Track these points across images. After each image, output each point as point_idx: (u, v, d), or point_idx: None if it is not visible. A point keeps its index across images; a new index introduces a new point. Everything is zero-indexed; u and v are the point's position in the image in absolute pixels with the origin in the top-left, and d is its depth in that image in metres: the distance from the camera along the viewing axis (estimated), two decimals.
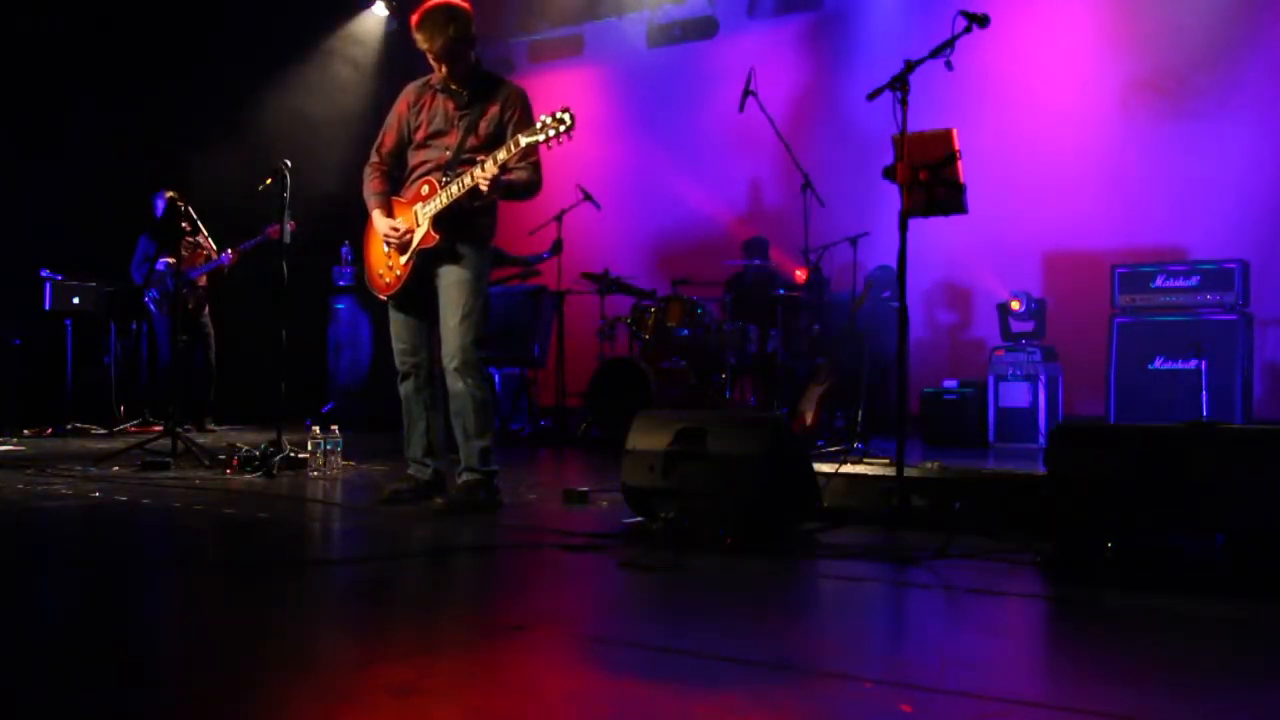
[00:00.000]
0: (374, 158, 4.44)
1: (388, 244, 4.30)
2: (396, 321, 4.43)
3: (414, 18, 4.18)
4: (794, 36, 9.41)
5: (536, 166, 4.25)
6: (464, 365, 4.19)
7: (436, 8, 4.16)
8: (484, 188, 4.02)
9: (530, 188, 4.25)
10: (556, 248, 8.15)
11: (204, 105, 8.99)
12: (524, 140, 3.96)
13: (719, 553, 3.31)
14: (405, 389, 4.46)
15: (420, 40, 4.17)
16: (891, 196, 4.02)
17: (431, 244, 4.20)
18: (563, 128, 3.91)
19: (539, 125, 3.95)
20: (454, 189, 4.11)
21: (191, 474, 5.33)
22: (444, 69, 4.22)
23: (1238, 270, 6.40)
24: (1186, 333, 6.38)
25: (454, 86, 4.26)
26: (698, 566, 3.14)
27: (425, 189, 4.21)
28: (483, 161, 4.05)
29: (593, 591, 3.00)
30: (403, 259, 4.28)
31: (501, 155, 4.01)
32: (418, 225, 4.23)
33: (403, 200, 4.33)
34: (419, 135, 4.32)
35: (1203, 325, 6.39)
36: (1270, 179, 7.22)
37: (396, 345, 4.45)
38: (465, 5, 4.20)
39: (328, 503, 4.52)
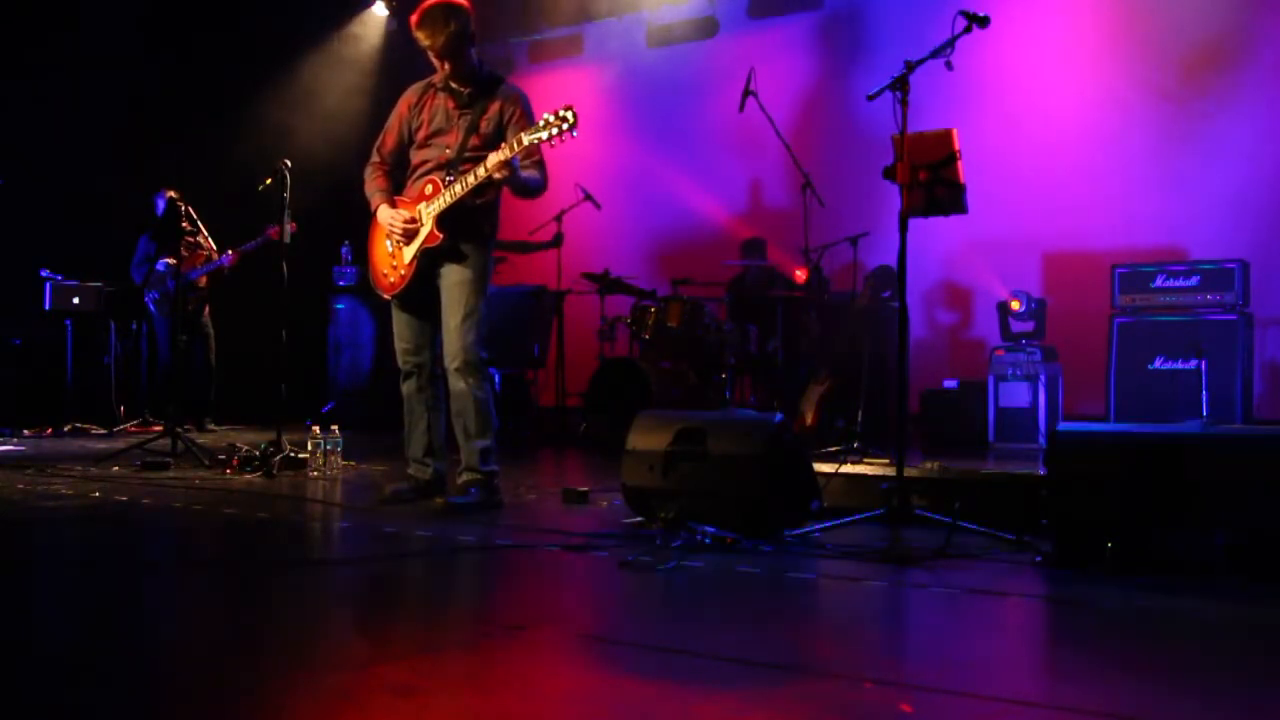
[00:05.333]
0: (375, 157, 4.45)
1: (392, 237, 4.30)
2: (400, 321, 4.44)
3: (414, 17, 4.18)
4: (794, 37, 9.41)
5: (541, 165, 4.25)
6: (466, 365, 4.19)
7: (435, 6, 4.15)
8: (498, 175, 4.00)
9: (538, 186, 4.26)
10: (557, 240, 8.21)
11: (204, 105, 8.98)
12: (526, 139, 3.96)
13: (719, 553, 3.31)
14: (407, 388, 4.46)
15: (421, 38, 4.17)
16: (892, 196, 4.02)
17: (435, 243, 4.20)
18: (565, 125, 3.90)
19: (541, 123, 3.94)
20: (458, 188, 4.11)
21: (191, 474, 5.33)
22: (446, 67, 4.22)
23: (1238, 270, 6.40)
24: (1186, 333, 6.38)
25: (455, 85, 4.26)
26: (698, 566, 3.14)
27: (429, 188, 4.21)
28: (485, 161, 4.06)
29: (593, 591, 3.00)
30: (406, 258, 4.28)
31: (506, 153, 4.01)
32: (422, 225, 4.23)
33: (406, 200, 4.33)
34: (420, 135, 4.33)
35: (1203, 325, 6.38)
36: (1270, 179, 7.22)
37: (399, 345, 4.45)
38: (464, 3, 4.20)
39: (328, 503, 4.52)
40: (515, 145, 3.98)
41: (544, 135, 3.93)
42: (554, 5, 10.39)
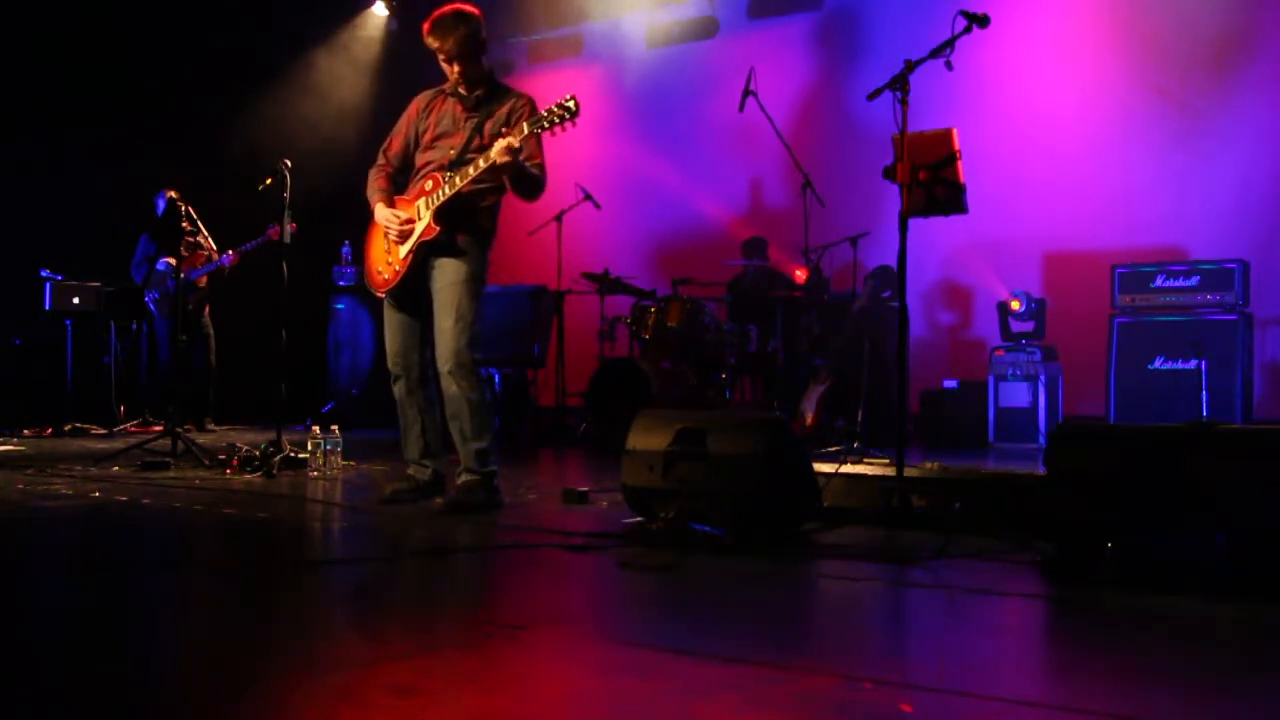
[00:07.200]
0: (380, 159, 4.46)
1: (388, 235, 4.30)
2: (391, 321, 4.42)
3: (425, 24, 4.21)
4: (794, 37, 9.42)
5: (541, 168, 4.27)
6: (458, 368, 4.18)
7: (446, 12, 4.21)
8: (501, 160, 4.00)
9: (538, 184, 4.26)
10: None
11: (204, 105, 8.98)
12: (528, 126, 3.99)
13: (719, 553, 3.31)
14: (398, 391, 4.45)
15: (431, 42, 4.19)
16: (892, 196, 4.02)
17: (432, 235, 4.20)
18: (567, 115, 3.93)
19: (545, 113, 3.98)
20: (458, 180, 4.12)
21: (191, 474, 5.32)
22: (455, 71, 4.24)
23: (1238, 270, 6.40)
24: (1186, 333, 6.38)
25: (464, 90, 4.28)
26: (698, 566, 3.14)
27: (429, 184, 4.23)
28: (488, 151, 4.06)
29: (593, 591, 3.00)
30: (402, 252, 4.28)
31: (511, 140, 4.02)
32: (419, 218, 4.23)
33: (406, 198, 4.33)
34: (426, 138, 4.34)
35: (1203, 325, 6.39)
36: (1270, 179, 7.22)
37: (389, 346, 4.44)
38: (475, 10, 4.24)
39: (328, 503, 4.52)
40: (519, 132, 4.00)
41: (547, 124, 3.96)
42: (554, 5, 10.39)
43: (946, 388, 7.35)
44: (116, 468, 5.54)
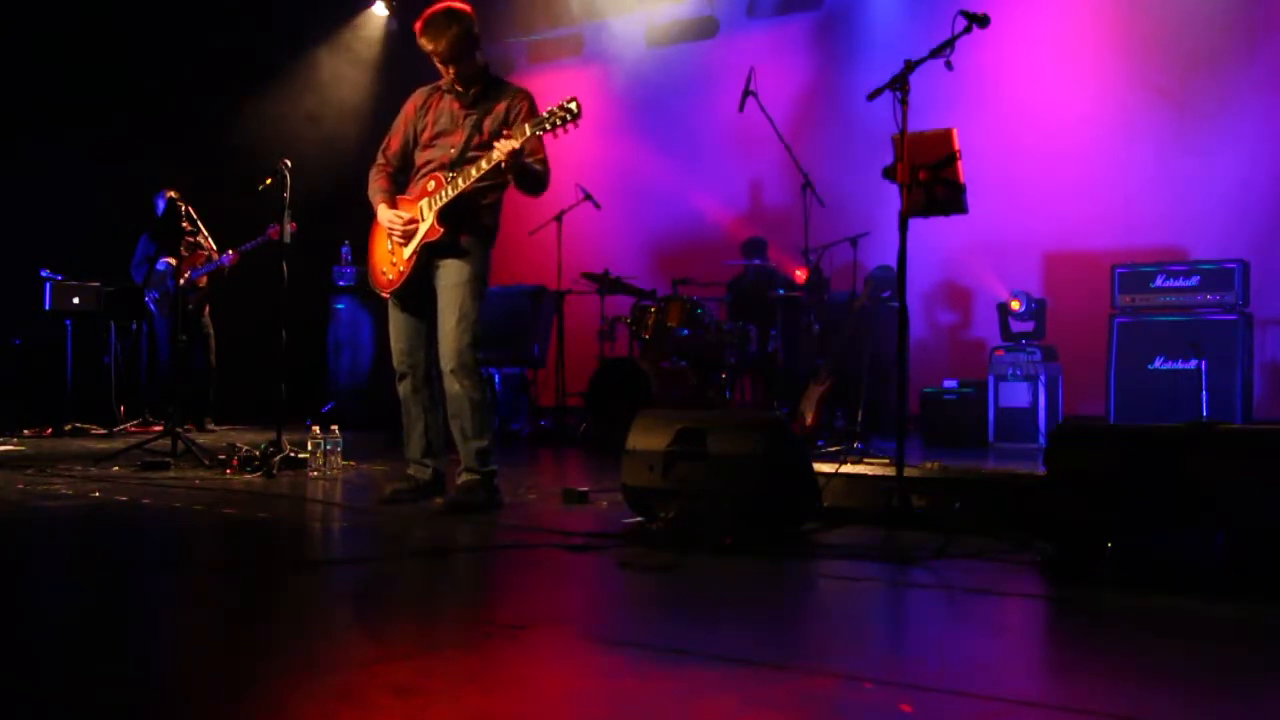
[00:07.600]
0: (379, 159, 4.46)
1: (391, 236, 4.31)
2: (395, 321, 4.44)
3: (417, 24, 4.20)
4: (794, 36, 9.41)
5: (544, 163, 4.27)
6: (460, 368, 4.19)
7: (438, 12, 4.19)
8: (504, 162, 4.01)
9: (542, 180, 4.27)
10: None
11: (204, 104, 8.98)
12: (530, 128, 3.98)
13: (719, 553, 3.31)
14: (403, 389, 4.47)
15: (425, 44, 4.19)
16: (892, 196, 4.02)
17: (436, 237, 4.20)
18: (569, 117, 3.93)
19: (547, 114, 3.97)
20: (460, 181, 4.12)
21: (191, 474, 5.32)
22: (450, 70, 4.23)
23: (1238, 270, 6.40)
24: (1186, 333, 6.38)
25: (460, 88, 4.28)
26: (698, 566, 3.14)
27: (431, 184, 4.23)
28: (491, 152, 4.06)
29: (593, 591, 3.00)
30: (406, 253, 4.28)
31: (514, 142, 4.02)
32: (422, 219, 4.23)
33: (408, 198, 4.33)
34: (425, 136, 4.34)
35: (1203, 325, 6.39)
36: (1270, 179, 7.22)
37: (394, 345, 4.46)
38: (467, 8, 4.22)
39: (328, 503, 4.52)
40: (521, 134, 4.00)
41: (549, 125, 3.96)
42: (554, 5, 10.39)
43: (946, 388, 7.35)
44: (116, 468, 5.54)
